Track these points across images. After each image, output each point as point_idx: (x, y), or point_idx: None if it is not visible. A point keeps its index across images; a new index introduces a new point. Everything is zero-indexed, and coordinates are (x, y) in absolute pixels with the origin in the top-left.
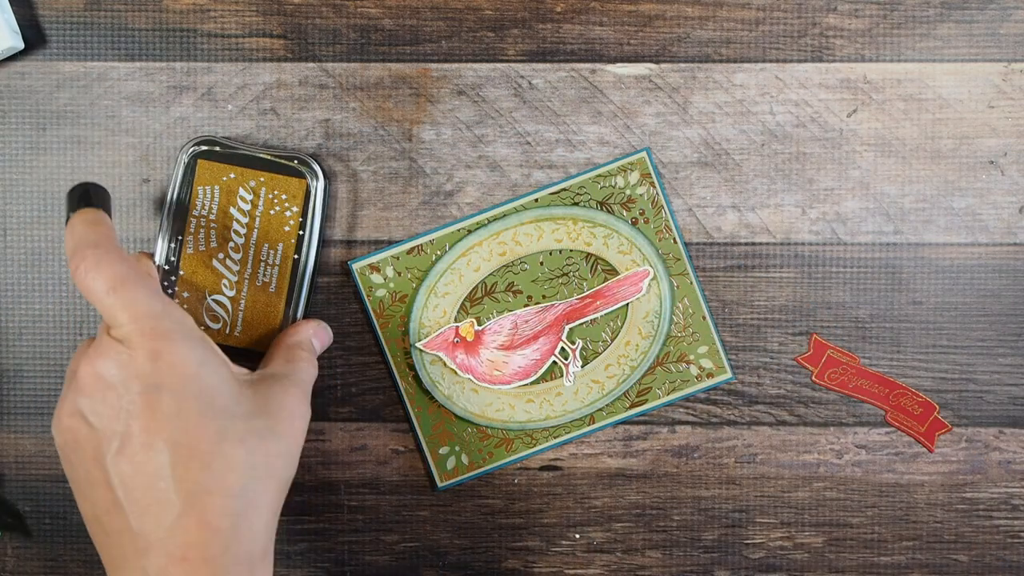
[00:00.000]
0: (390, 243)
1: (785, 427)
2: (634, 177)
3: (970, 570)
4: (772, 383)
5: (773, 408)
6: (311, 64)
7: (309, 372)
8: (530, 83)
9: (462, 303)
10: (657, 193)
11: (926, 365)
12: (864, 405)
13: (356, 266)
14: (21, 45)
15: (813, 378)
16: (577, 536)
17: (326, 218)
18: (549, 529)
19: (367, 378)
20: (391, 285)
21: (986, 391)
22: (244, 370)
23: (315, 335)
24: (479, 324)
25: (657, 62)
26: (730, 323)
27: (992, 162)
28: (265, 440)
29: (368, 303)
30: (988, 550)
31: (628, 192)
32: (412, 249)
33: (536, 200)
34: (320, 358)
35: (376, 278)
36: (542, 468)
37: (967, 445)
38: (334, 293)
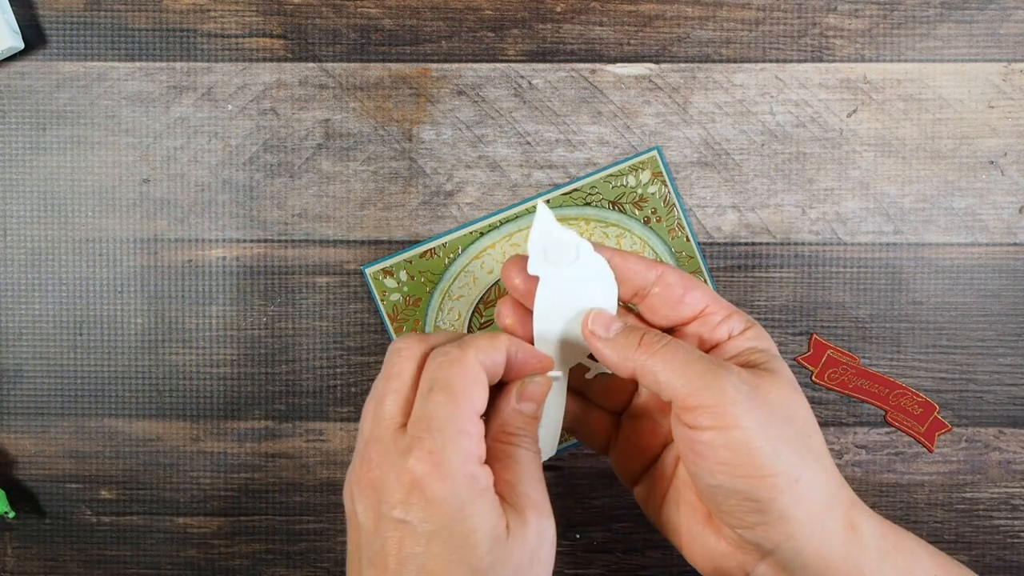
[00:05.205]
0: (390, 243)
1: None
2: (645, 176)
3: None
4: None
5: None
6: (311, 64)
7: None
8: (530, 83)
9: (476, 306)
10: (669, 192)
11: (926, 365)
12: (864, 405)
13: (369, 271)
14: (21, 45)
15: (813, 378)
16: (577, 536)
17: None
18: None
19: (367, 378)
20: (405, 289)
21: (986, 391)
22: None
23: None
24: None
25: (657, 62)
26: None
27: (992, 162)
28: None
29: (382, 307)
30: (988, 550)
31: (640, 191)
32: (425, 253)
33: (548, 201)
34: (320, 358)
35: (389, 282)
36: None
37: (967, 445)
38: (334, 293)
